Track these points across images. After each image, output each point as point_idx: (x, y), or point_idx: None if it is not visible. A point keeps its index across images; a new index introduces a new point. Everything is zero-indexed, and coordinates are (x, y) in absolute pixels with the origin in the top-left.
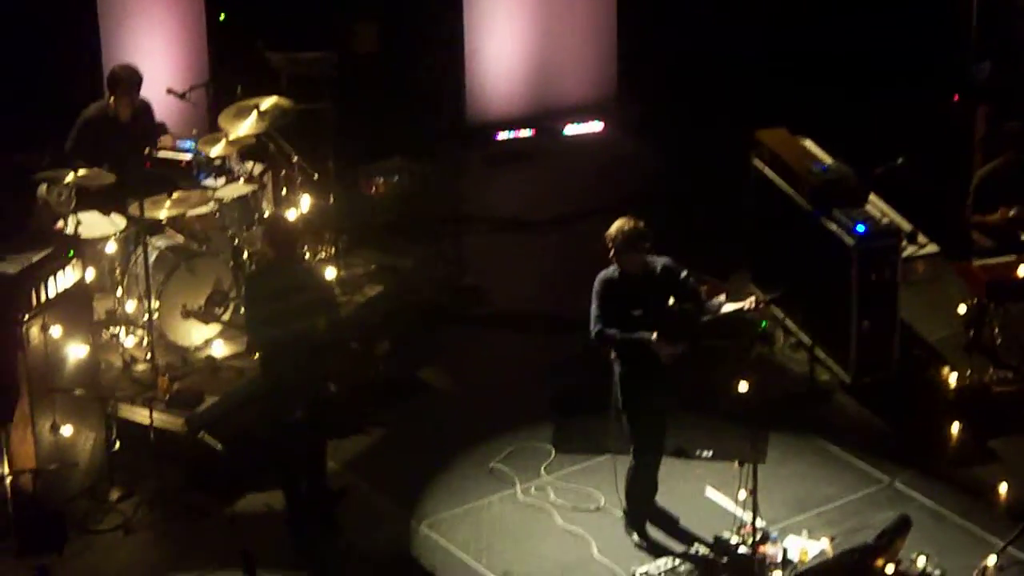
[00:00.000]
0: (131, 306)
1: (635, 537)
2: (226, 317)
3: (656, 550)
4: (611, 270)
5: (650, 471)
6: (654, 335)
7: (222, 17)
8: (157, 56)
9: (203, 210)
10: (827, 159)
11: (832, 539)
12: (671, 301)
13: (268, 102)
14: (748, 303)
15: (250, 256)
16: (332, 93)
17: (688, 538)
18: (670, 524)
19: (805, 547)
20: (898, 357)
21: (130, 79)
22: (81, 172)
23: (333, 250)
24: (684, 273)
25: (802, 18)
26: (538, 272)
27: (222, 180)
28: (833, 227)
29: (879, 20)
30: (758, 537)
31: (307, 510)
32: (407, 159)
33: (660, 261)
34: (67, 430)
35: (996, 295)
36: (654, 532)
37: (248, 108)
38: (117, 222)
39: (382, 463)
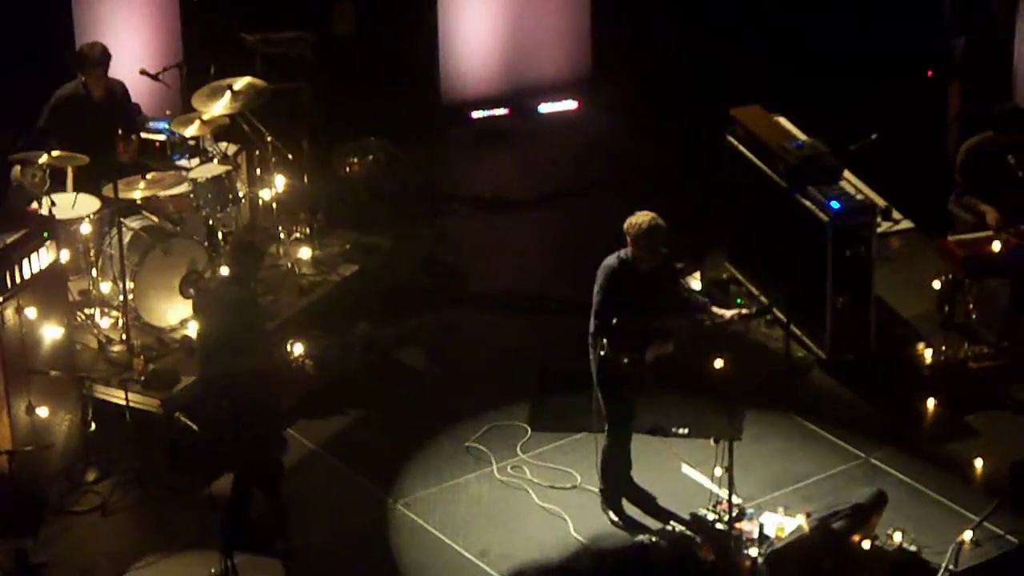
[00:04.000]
0: (106, 287)
1: (611, 515)
2: None
3: (633, 527)
4: (616, 258)
5: (625, 448)
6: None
7: None
8: (130, 36)
9: (177, 191)
10: (801, 136)
11: (808, 515)
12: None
13: (242, 82)
14: (733, 314)
15: (224, 236)
16: (307, 73)
17: (665, 515)
18: (647, 502)
19: (781, 523)
20: (874, 333)
21: (97, 57)
22: (55, 153)
23: (308, 230)
24: (678, 273)
25: None
26: (515, 251)
27: (196, 161)
28: (808, 204)
29: None
30: (734, 514)
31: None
32: (382, 139)
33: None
34: (43, 411)
35: (973, 271)
36: (631, 510)
37: (222, 88)
38: (91, 203)
39: (359, 442)
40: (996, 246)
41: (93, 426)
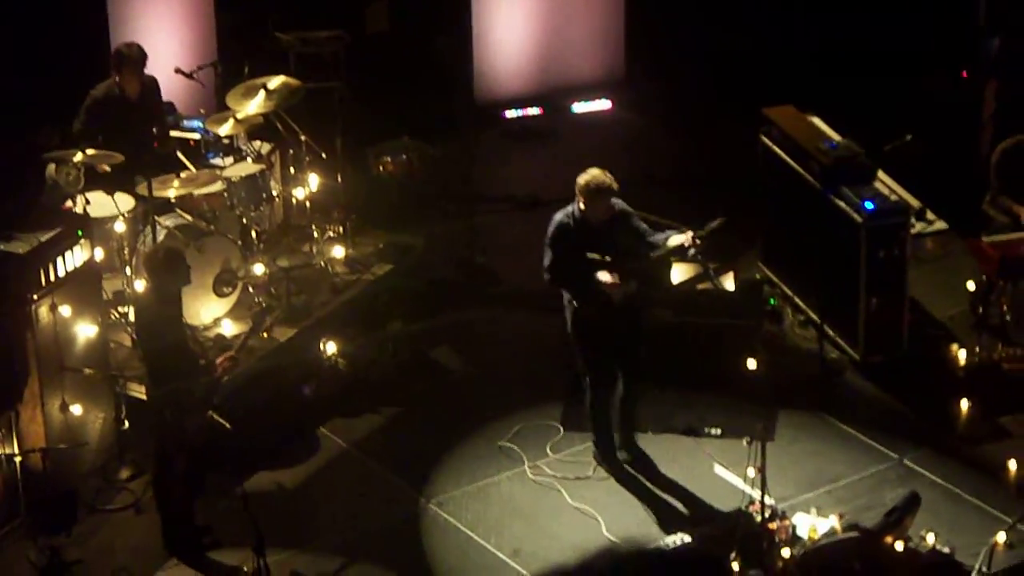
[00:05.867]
0: (140, 285)
1: (606, 466)
2: (235, 296)
3: (665, 526)
4: (566, 213)
5: (606, 401)
6: (602, 276)
7: None
8: (165, 35)
9: (211, 189)
10: (835, 136)
11: (841, 516)
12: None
13: (276, 81)
14: (686, 238)
15: (258, 235)
16: (341, 72)
17: (697, 515)
18: (679, 501)
19: (814, 524)
20: (907, 335)
21: (135, 57)
22: (90, 152)
23: (342, 229)
24: (635, 217)
25: None
26: None
27: (230, 159)
28: (842, 204)
29: None
30: (767, 515)
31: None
32: (416, 138)
33: (616, 205)
34: (77, 409)
35: (1007, 272)
36: (664, 509)
37: (256, 87)
38: (126, 202)
39: (392, 441)
40: None
41: (126, 424)
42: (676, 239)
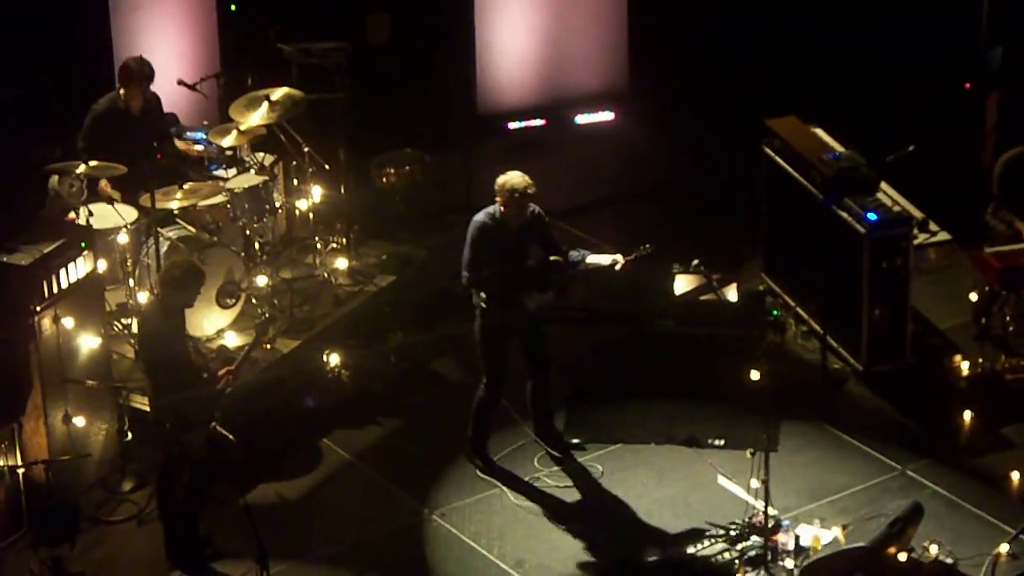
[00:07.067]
0: (143, 297)
1: (477, 462)
2: (238, 307)
3: (669, 537)
4: (487, 213)
5: (495, 399)
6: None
7: (233, 7)
8: (168, 47)
9: (214, 201)
10: (838, 147)
11: (844, 527)
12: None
13: (279, 93)
14: (611, 260)
15: (261, 247)
16: (344, 84)
17: (701, 527)
18: (683, 512)
19: (817, 535)
20: (910, 345)
21: (142, 72)
22: (92, 164)
23: (345, 240)
24: (550, 227)
25: (813, 6)
26: None
27: (233, 171)
28: (844, 215)
29: (890, 7)
30: (770, 525)
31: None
32: (418, 149)
33: (533, 209)
34: (79, 421)
35: (1009, 282)
36: (668, 520)
37: (259, 99)
38: (129, 213)
39: (394, 453)
40: None
41: (129, 436)
42: (599, 259)
